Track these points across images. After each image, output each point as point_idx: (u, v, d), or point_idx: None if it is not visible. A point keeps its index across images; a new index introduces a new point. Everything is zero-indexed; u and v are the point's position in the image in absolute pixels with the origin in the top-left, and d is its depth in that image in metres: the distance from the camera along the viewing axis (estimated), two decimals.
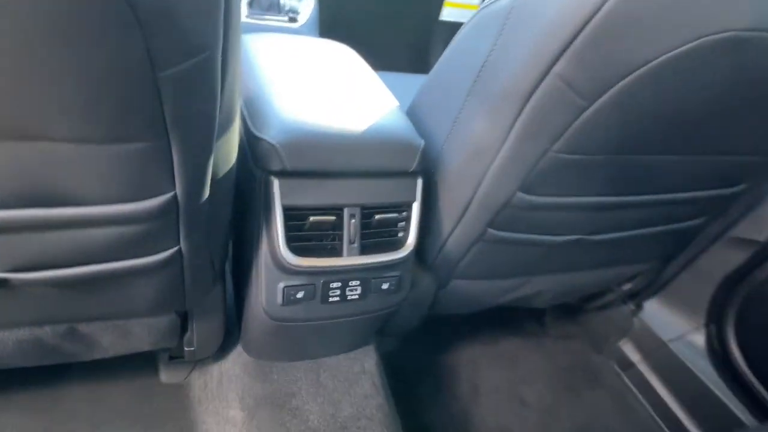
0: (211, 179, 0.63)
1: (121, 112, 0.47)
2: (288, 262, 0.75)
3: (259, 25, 1.25)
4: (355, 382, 0.98)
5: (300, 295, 0.80)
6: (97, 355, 0.88)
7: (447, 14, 1.52)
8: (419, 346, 1.35)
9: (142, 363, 1.10)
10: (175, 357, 1.04)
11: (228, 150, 0.64)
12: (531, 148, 0.71)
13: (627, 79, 0.61)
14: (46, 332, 0.75)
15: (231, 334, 1.00)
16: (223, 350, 1.04)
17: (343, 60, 0.96)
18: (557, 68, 0.62)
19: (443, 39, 1.76)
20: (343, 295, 0.83)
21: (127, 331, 0.81)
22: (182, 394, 1.09)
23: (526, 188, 0.78)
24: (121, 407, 1.04)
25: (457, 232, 0.87)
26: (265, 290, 0.78)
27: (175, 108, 0.48)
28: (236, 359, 0.98)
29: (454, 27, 1.38)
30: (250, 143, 0.75)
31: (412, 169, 0.79)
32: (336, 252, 0.79)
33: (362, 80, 0.90)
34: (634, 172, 0.81)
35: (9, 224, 0.54)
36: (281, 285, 0.78)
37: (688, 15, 0.57)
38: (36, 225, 0.55)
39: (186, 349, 0.94)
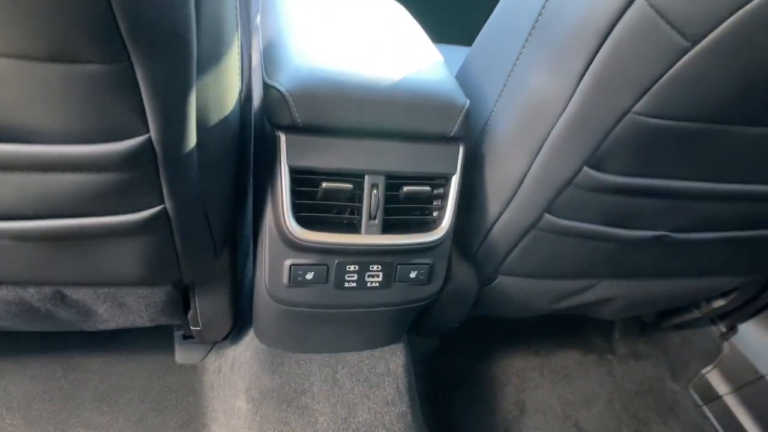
0: (201, 126, 0.52)
1: (63, 18, 0.37)
2: (293, 235, 0.63)
3: None
4: (377, 384, 0.85)
5: (309, 276, 0.68)
6: (100, 326, 0.81)
7: None
8: (460, 349, 1.20)
9: (160, 340, 1.03)
10: (189, 337, 0.95)
11: (220, 92, 0.53)
12: (605, 107, 0.55)
13: (751, 5, 0.44)
14: (30, 294, 0.68)
15: (248, 316, 0.91)
16: (239, 333, 0.94)
17: (387, 13, 0.83)
18: None
19: None
20: (361, 281, 0.70)
21: (120, 302, 0.72)
22: (196, 376, 1.00)
23: (595, 163, 0.61)
24: (132, 383, 0.97)
25: (506, 216, 0.72)
26: (269, 267, 0.67)
27: (130, 19, 0.38)
28: (248, 345, 0.89)
29: None
30: (264, 93, 0.64)
31: (452, 134, 0.65)
32: (353, 228, 0.66)
33: (405, 35, 0.76)
34: (741, 151, 0.63)
35: None
36: (288, 262, 0.66)
37: None
38: None
39: (192, 328, 0.85)
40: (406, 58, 0.69)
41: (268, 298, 0.70)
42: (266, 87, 0.61)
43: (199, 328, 0.84)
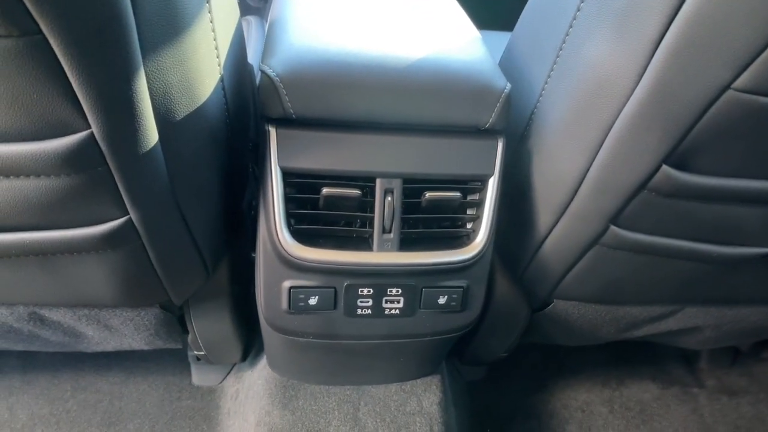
0: (163, 119, 0.42)
1: None
2: (287, 252, 0.52)
3: None
4: (406, 425, 0.72)
5: (313, 301, 0.56)
6: (95, 348, 0.73)
7: None
8: (513, 377, 1.05)
9: (178, 359, 0.95)
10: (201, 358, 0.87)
11: (186, 77, 0.43)
12: (692, 83, 0.40)
13: None
14: (4, 315, 0.61)
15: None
16: (256, 356, 0.85)
17: None
18: None
19: None
20: (377, 308, 0.57)
21: (106, 324, 0.64)
22: (213, 401, 0.92)
23: (678, 159, 0.46)
24: (144, 407, 0.90)
25: (559, 228, 0.57)
26: (264, 290, 0.56)
27: None
28: (261, 372, 0.78)
29: None
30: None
31: (488, 125, 0.52)
32: (364, 244, 0.54)
33: (437, 14, 0.63)
34: None
35: None
36: (286, 284, 0.55)
37: None
38: None
39: (196, 353, 0.75)
40: (434, 37, 0.56)
41: (267, 325, 0.59)
42: (260, 74, 0.50)
43: (203, 353, 0.74)
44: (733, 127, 0.43)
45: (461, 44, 0.55)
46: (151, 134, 0.42)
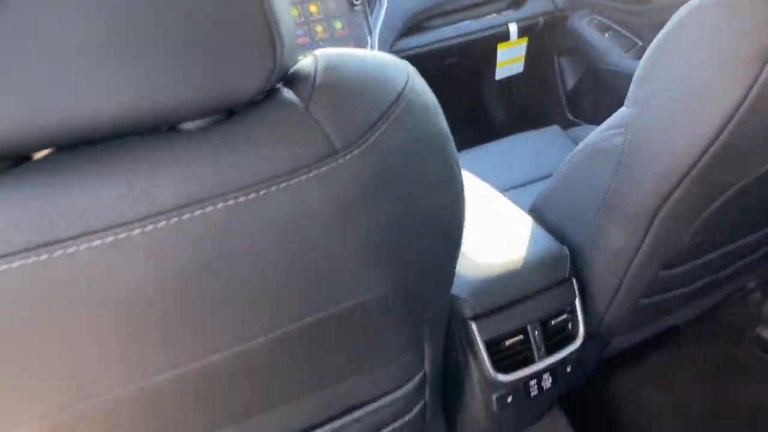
0: None
1: None
2: (497, 380, 0.96)
3: None
4: None
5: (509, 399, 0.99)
6: None
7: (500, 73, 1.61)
8: None
9: None
10: None
11: None
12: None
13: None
14: None
15: None
16: None
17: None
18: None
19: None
20: (540, 388, 1.02)
21: None
22: None
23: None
24: None
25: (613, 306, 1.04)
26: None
27: None
28: None
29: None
30: None
31: (567, 276, 0.98)
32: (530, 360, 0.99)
33: (488, 201, 1.08)
34: None
35: None
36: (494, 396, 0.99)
37: None
38: None
39: None
40: (509, 229, 1.00)
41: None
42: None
43: None
44: None
45: (529, 232, 1.01)
46: None
